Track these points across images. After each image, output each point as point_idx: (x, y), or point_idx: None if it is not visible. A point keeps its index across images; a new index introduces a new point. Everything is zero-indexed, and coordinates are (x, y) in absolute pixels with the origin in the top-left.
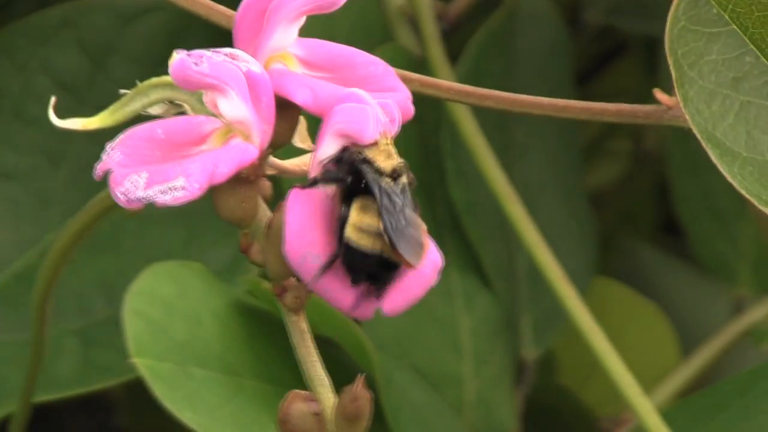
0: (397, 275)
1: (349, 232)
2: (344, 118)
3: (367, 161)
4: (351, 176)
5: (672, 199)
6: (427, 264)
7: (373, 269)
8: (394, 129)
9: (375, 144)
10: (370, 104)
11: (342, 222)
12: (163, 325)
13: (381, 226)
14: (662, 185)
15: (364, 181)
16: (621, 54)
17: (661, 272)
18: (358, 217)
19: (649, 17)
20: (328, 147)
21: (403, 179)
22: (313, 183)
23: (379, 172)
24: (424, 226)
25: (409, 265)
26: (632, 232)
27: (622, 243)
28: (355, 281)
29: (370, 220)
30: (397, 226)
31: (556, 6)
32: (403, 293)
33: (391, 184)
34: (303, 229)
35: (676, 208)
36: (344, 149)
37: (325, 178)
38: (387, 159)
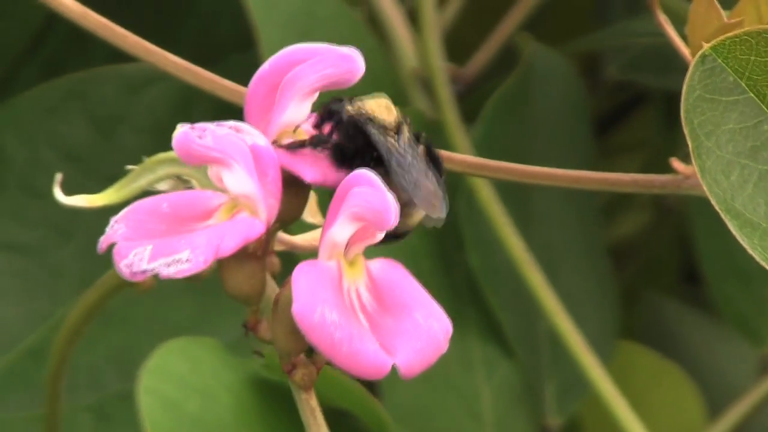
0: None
1: None
2: (361, 201)
3: (371, 119)
4: (351, 138)
5: (695, 254)
6: (438, 329)
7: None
8: None
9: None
10: (384, 189)
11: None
12: (177, 401)
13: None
14: (685, 234)
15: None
16: (640, 105)
17: (686, 328)
18: None
19: (667, 70)
20: (342, 229)
21: (406, 132)
22: (313, 143)
23: (384, 128)
24: (437, 176)
25: (437, 219)
26: (656, 283)
27: (646, 297)
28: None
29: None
30: (409, 179)
31: (572, 61)
32: (418, 356)
33: (396, 139)
34: (313, 289)
35: (700, 266)
36: (337, 104)
37: (320, 141)
38: (388, 113)
